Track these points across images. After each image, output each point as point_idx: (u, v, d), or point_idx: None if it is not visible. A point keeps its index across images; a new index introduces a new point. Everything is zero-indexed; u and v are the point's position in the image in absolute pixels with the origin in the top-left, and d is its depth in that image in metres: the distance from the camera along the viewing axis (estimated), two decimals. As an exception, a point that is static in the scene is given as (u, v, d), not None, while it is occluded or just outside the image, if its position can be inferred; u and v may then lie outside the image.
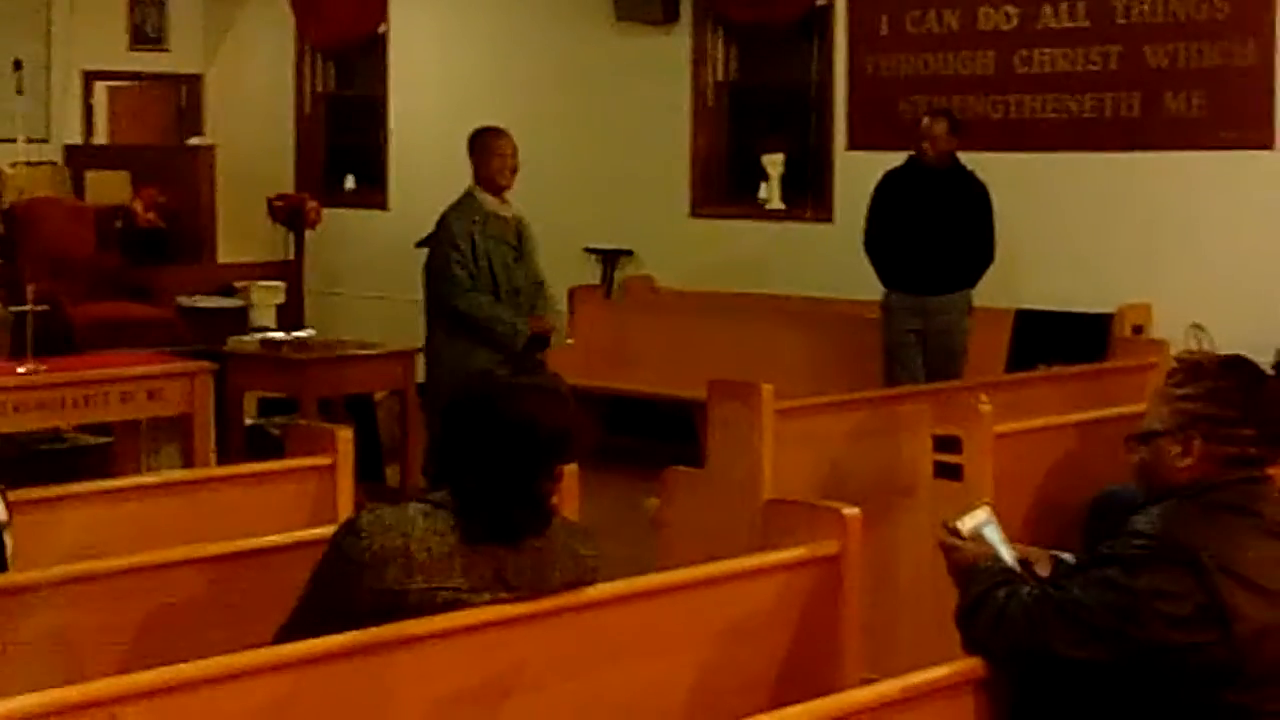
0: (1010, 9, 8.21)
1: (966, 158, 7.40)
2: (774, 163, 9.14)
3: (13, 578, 3.31)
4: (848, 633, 3.17)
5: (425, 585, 2.84)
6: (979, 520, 2.84)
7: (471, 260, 6.26)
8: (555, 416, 2.96)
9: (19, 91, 10.91)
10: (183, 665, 2.60)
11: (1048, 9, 8.08)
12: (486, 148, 6.42)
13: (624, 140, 9.68)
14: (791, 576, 3.16)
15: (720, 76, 9.51)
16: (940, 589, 4.25)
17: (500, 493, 2.87)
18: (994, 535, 2.83)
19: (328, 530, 3.92)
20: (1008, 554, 2.81)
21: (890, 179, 7.42)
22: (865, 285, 7.70)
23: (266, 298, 9.51)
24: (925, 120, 7.39)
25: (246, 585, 3.61)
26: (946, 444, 4.43)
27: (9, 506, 3.53)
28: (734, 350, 8.19)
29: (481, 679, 2.88)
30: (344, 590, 2.86)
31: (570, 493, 3.26)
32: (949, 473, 4.42)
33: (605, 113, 9.78)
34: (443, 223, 6.41)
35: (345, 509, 4.33)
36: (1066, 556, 2.93)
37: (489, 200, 6.35)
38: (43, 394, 6.38)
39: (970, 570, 2.80)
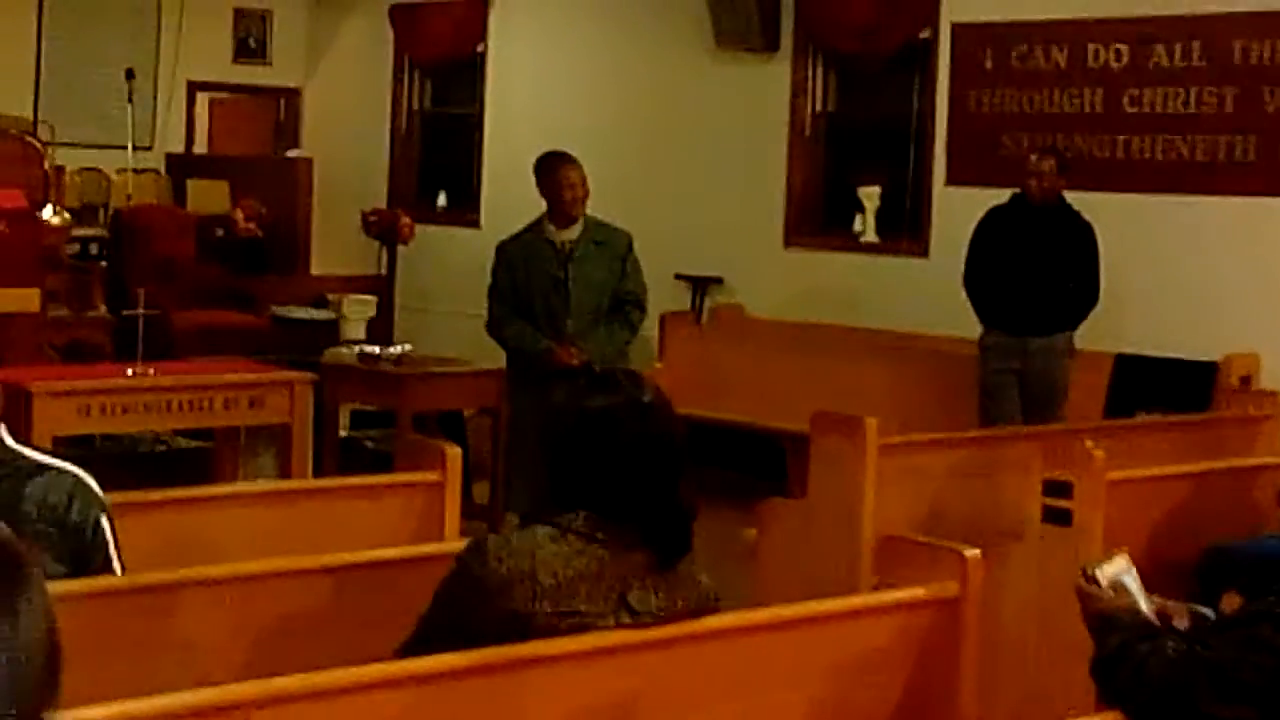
0: (1121, 46, 8.12)
1: (1072, 197, 7.32)
2: (870, 195, 9.12)
3: (136, 579, 3.34)
4: (965, 676, 3.14)
5: (552, 609, 2.84)
6: (1118, 569, 2.81)
7: (504, 287, 6.29)
8: (675, 424, 3.00)
9: (129, 101, 11.06)
10: (317, 674, 2.62)
11: (1160, 48, 7.98)
12: (542, 174, 6.42)
13: (720, 168, 9.68)
14: (910, 616, 3.14)
15: (819, 107, 9.51)
16: (1046, 632, 4.24)
17: (649, 510, 2.88)
18: (1133, 585, 2.80)
19: (441, 546, 3.97)
20: (1145, 605, 2.78)
21: (993, 216, 7.36)
22: (959, 322, 7.66)
23: (358, 311, 9.58)
24: (1033, 158, 7.31)
25: (360, 597, 3.64)
26: (1056, 488, 4.40)
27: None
28: (823, 382, 8.14)
29: (604, 703, 2.88)
30: (469, 611, 2.87)
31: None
32: (1057, 518, 4.38)
33: (702, 139, 9.79)
34: (496, 249, 6.48)
35: (453, 525, 4.35)
36: (1205, 611, 2.89)
37: (549, 226, 6.33)
38: (148, 397, 6.46)
39: (1109, 619, 2.78)
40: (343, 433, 7.68)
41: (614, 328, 6.39)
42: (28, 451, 3.41)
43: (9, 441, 3.40)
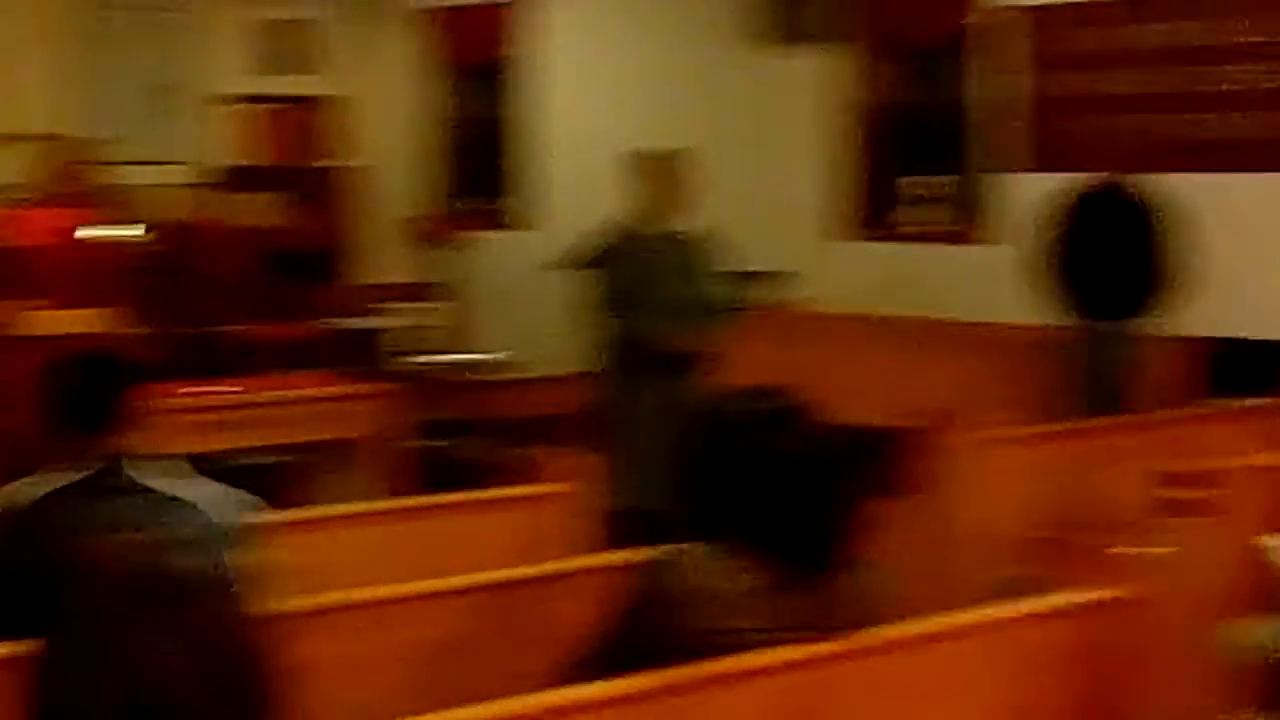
0: (1195, 24, 7.99)
1: (1151, 180, 7.21)
2: (928, 184, 9.04)
3: (277, 606, 3.30)
4: (1143, 680, 3.09)
5: (730, 626, 2.80)
6: None
7: (614, 277, 6.34)
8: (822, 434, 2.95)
9: (171, 115, 11.04)
10: (506, 700, 2.58)
11: (1239, 24, 7.84)
12: (645, 170, 6.54)
13: (770, 162, 9.62)
14: (1085, 620, 3.09)
15: (872, 96, 9.42)
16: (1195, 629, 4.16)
17: (809, 526, 2.83)
18: None
19: (574, 562, 3.92)
20: None
21: (1067, 202, 7.30)
22: (1027, 308, 7.57)
23: (416, 319, 9.54)
24: (1100, 142, 7.24)
25: (496, 617, 3.60)
26: (1178, 478, 4.33)
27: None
28: (889, 376, 8.08)
29: (787, 718, 2.84)
30: (646, 630, 2.83)
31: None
32: (1181, 508, 4.31)
33: (751, 134, 9.73)
34: (589, 242, 6.60)
35: (567, 538, 4.30)
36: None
37: (646, 219, 6.40)
38: (225, 414, 6.43)
39: None
40: (416, 443, 7.62)
41: (711, 321, 6.54)
42: (172, 482, 3.38)
43: (155, 475, 3.37)
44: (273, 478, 7.18)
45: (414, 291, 10.50)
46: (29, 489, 3.34)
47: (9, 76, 10.62)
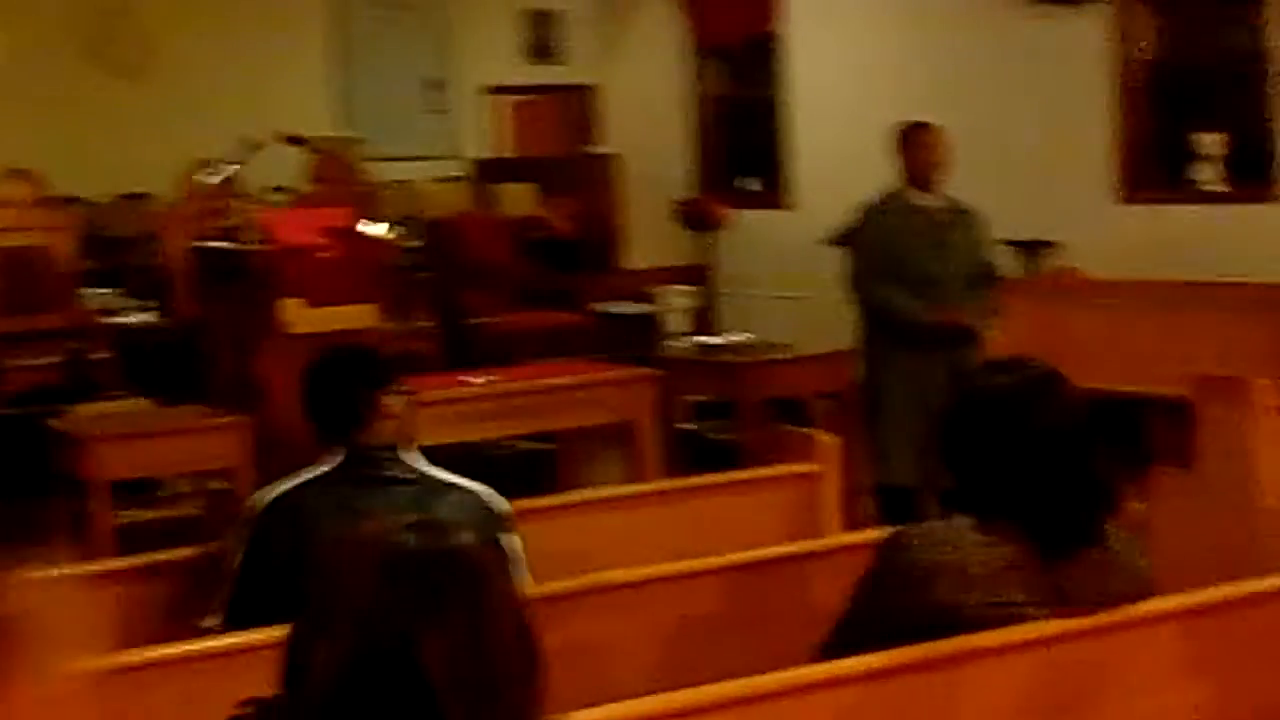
0: None
1: None
2: (1210, 142, 8.76)
3: (540, 589, 3.38)
4: None
5: (981, 600, 2.78)
6: None
7: (874, 250, 6.32)
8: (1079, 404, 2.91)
9: (430, 110, 11.34)
10: (759, 677, 2.62)
11: None
12: (906, 142, 6.51)
13: (1041, 127, 9.42)
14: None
15: (1146, 55, 9.17)
16: None
17: (1067, 498, 2.80)
18: None
19: (834, 540, 3.94)
20: None
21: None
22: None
23: (681, 302, 9.62)
24: None
25: (760, 594, 3.63)
26: None
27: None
28: (1174, 342, 7.85)
29: (1042, 694, 2.82)
30: (894, 605, 2.83)
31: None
32: None
33: (1020, 100, 9.54)
34: (853, 217, 6.58)
35: (833, 519, 4.32)
36: None
37: (908, 193, 6.39)
38: (492, 404, 6.59)
39: None
40: (685, 426, 7.71)
41: (984, 295, 6.50)
42: (434, 471, 3.51)
43: (421, 464, 3.51)
44: (541, 464, 7.36)
45: (681, 275, 10.59)
46: (287, 483, 3.49)
47: (284, 78, 11.06)
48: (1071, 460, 2.83)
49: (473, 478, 3.65)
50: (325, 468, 3.48)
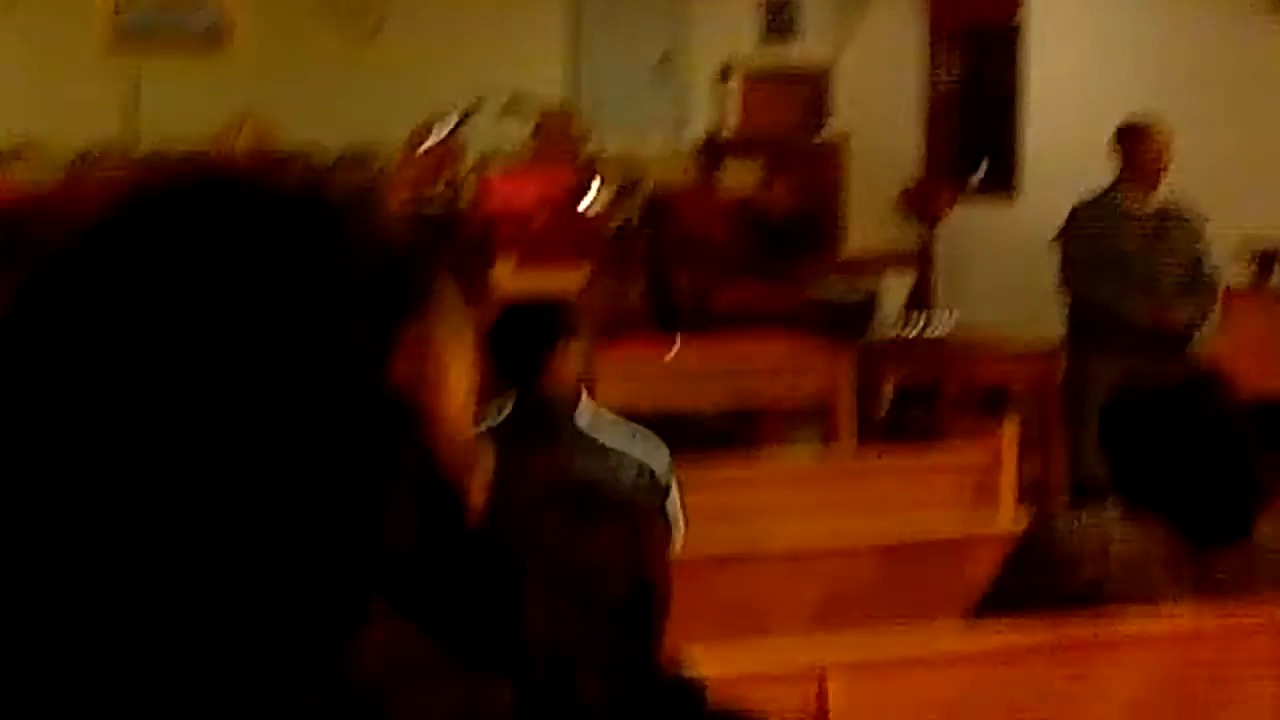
0: None
1: None
2: None
3: (697, 551, 3.49)
4: None
5: (1121, 588, 2.82)
6: None
7: (1087, 248, 6.29)
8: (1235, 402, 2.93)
9: (660, 83, 11.48)
10: (889, 639, 2.69)
11: None
12: (1125, 142, 6.50)
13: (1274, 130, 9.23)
14: None
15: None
16: None
17: (1217, 490, 2.83)
18: None
19: (999, 526, 3.98)
20: None
21: None
22: None
23: (897, 287, 9.61)
24: None
25: (914, 575, 3.69)
26: None
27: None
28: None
29: (1177, 683, 2.84)
30: (1036, 583, 2.88)
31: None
32: None
33: (1264, 100, 9.35)
34: (1070, 215, 6.57)
35: (1009, 503, 4.35)
36: None
37: (1127, 193, 6.33)
38: (692, 375, 6.71)
39: None
40: (885, 408, 7.75)
41: (1202, 299, 6.46)
42: (602, 432, 3.62)
43: (588, 420, 3.63)
44: (737, 434, 7.45)
45: (895, 260, 10.58)
46: None
47: (517, 44, 11.32)
48: (1224, 455, 2.85)
49: (667, 440, 3.72)
50: (494, 420, 3.63)
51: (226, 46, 10.95)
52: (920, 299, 9.82)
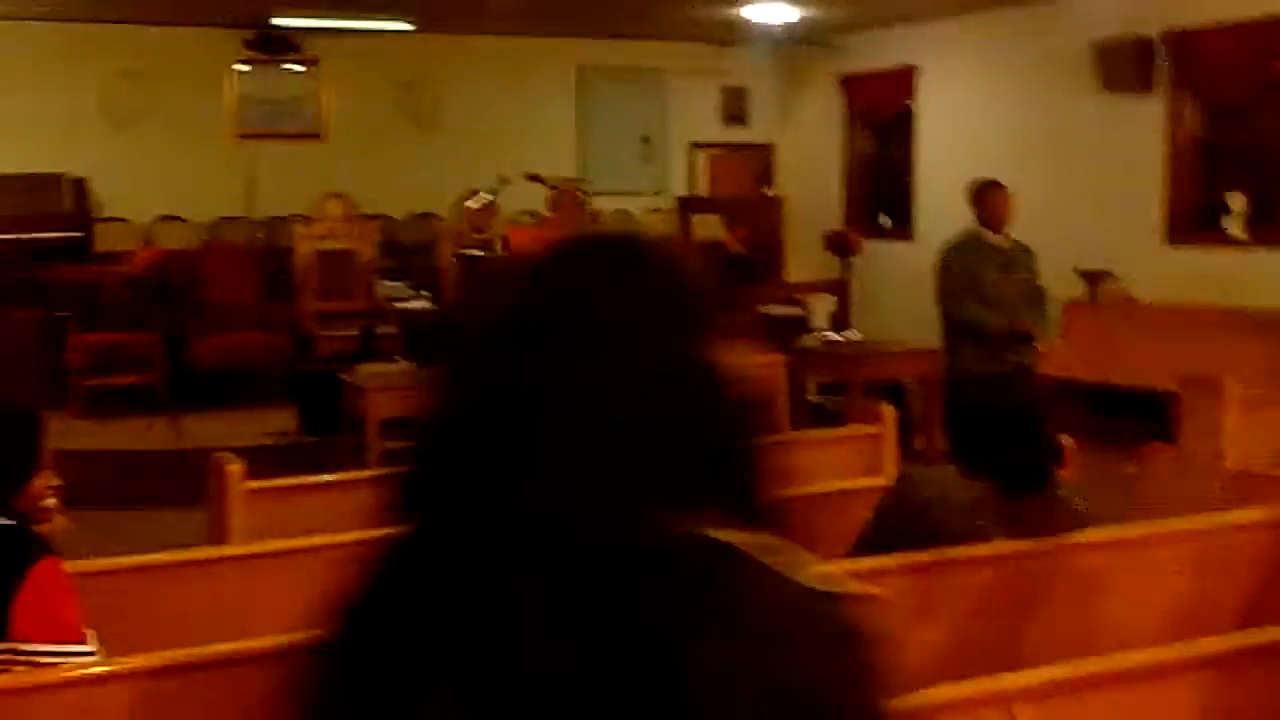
0: None
1: None
2: (1237, 201, 8.58)
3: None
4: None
5: (959, 524, 2.90)
6: None
7: (958, 276, 6.32)
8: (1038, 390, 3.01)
9: (646, 159, 11.58)
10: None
11: None
12: (981, 196, 6.46)
13: (1109, 185, 9.31)
14: (1257, 533, 3.02)
15: (1191, 133, 9.01)
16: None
17: (1024, 455, 2.91)
18: None
19: (880, 479, 4.04)
20: None
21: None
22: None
23: (822, 307, 9.66)
24: None
25: (822, 519, 3.76)
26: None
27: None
28: (1199, 353, 7.72)
29: (999, 595, 2.91)
30: (898, 525, 2.96)
31: (1071, 461, 3.23)
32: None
33: (1093, 163, 9.44)
34: (943, 253, 6.54)
35: (890, 466, 4.42)
36: None
37: (984, 234, 6.37)
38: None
39: None
40: (812, 398, 7.82)
41: (1041, 311, 6.46)
42: None
43: None
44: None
45: (826, 287, 10.62)
46: None
47: (538, 131, 11.39)
48: (1028, 429, 2.92)
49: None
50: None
51: (323, 137, 11.05)
52: (840, 316, 9.89)
